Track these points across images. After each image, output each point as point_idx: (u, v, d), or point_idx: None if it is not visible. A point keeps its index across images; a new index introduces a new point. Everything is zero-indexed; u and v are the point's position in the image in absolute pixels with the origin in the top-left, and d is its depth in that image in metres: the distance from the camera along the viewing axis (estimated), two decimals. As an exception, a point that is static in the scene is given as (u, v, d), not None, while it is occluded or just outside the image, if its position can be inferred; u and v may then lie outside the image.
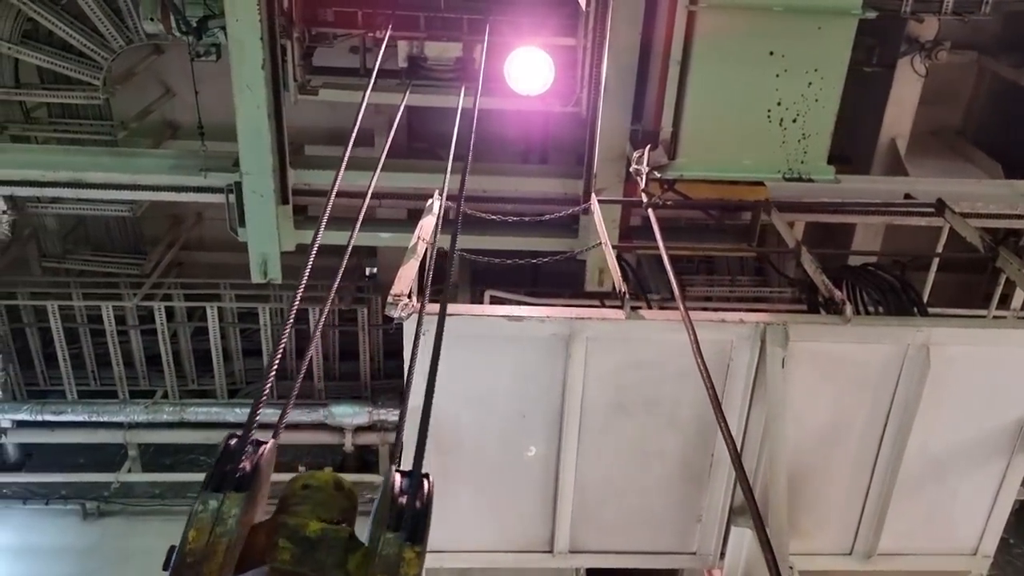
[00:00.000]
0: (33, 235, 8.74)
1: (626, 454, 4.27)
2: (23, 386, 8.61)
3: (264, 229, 6.81)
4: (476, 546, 4.54)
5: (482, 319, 4.05)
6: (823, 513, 4.42)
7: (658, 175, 5.57)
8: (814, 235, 8.21)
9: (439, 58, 6.63)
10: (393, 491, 1.84)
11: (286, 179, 6.84)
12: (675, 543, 4.50)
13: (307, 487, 1.90)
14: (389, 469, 1.94)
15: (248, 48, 6.14)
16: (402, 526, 1.76)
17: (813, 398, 4.14)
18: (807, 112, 5.58)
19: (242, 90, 6.29)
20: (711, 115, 5.60)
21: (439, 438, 4.20)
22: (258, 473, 1.77)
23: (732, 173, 5.70)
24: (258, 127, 6.40)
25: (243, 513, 1.67)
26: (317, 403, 8.38)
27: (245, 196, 6.66)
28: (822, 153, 5.73)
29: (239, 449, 1.80)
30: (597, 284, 7.17)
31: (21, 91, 7.79)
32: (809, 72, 5.48)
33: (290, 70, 6.57)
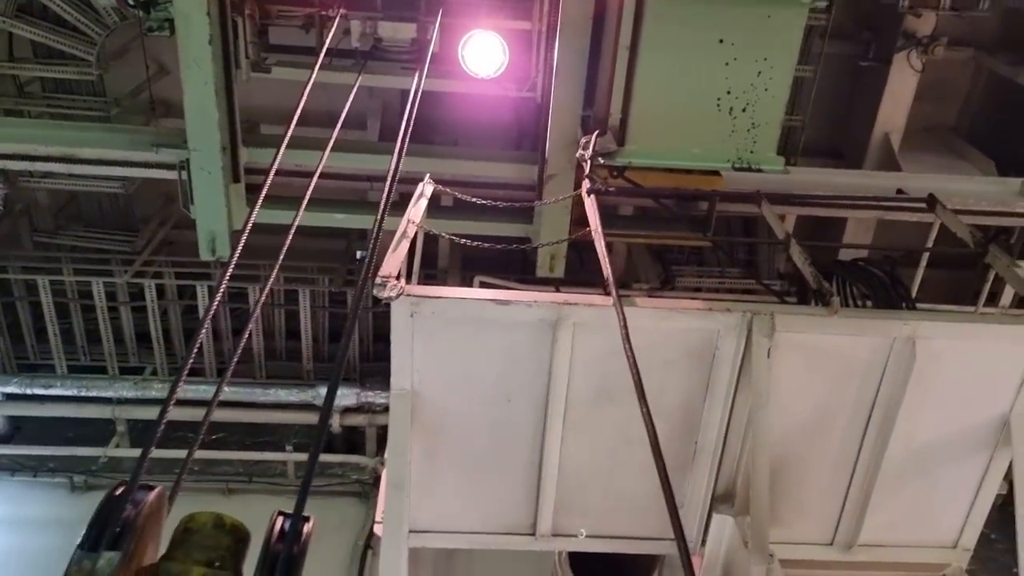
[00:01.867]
0: (25, 210, 8.71)
1: (610, 440, 4.28)
2: (13, 359, 8.60)
3: (213, 207, 6.78)
4: (460, 527, 4.56)
5: (468, 302, 4.05)
6: (805, 503, 4.44)
7: (602, 161, 5.54)
8: (805, 228, 8.24)
9: (393, 39, 6.57)
10: (271, 534, 1.93)
11: (237, 157, 6.84)
12: (657, 529, 4.52)
13: (187, 531, 1.95)
14: (274, 513, 2.01)
15: (194, 23, 6.09)
16: (276, 569, 1.84)
17: (798, 389, 4.16)
18: (756, 101, 5.55)
19: (189, 66, 6.25)
20: (660, 102, 5.58)
21: (425, 420, 4.22)
22: (137, 528, 1.81)
23: (681, 161, 5.69)
24: (205, 104, 6.36)
25: (120, 569, 1.72)
26: (305, 384, 8.40)
27: (193, 173, 6.63)
28: (772, 143, 5.73)
29: (117, 505, 1.84)
30: (548, 270, 7.20)
31: (15, 65, 7.74)
32: (759, 61, 5.45)
33: (242, 47, 6.53)
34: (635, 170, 5.70)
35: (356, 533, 8.16)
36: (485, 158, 7.24)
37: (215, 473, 8.57)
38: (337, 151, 6.93)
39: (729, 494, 4.35)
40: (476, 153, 7.41)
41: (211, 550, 1.90)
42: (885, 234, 8.22)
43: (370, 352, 8.89)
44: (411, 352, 4.09)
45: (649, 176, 5.77)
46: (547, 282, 7.13)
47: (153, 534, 1.91)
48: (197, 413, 8.63)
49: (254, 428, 8.69)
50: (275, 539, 1.91)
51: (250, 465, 8.63)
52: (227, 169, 6.74)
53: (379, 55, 6.66)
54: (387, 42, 6.62)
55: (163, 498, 1.95)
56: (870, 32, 8.27)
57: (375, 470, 8.60)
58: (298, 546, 1.90)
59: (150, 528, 1.88)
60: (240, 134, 6.81)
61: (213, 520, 1.95)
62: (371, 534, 7.97)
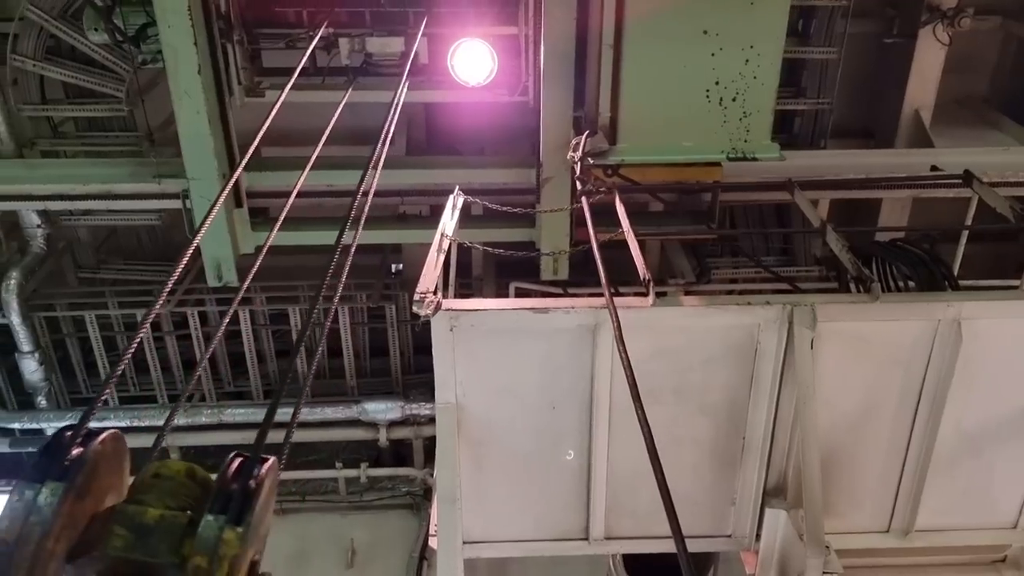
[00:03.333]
0: (67, 248, 8.91)
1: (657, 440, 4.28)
2: (67, 394, 8.81)
3: (216, 233, 6.88)
4: (512, 536, 4.59)
5: (507, 313, 4.08)
6: (858, 492, 4.40)
7: (591, 161, 5.49)
8: (839, 212, 8.14)
9: (382, 53, 6.63)
10: (226, 475, 1.81)
11: (238, 183, 6.95)
12: (710, 526, 4.51)
13: (157, 476, 1.85)
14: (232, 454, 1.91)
15: (182, 54, 6.18)
16: (228, 508, 1.72)
17: (844, 378, 4.12)
18: (746, 90, 5.47)
19: (180, 96, 6.35)
20: (648, 98, 5.51)
21: (472, 432, 4.26)
22: (87, 463, 1.70)
23: (674, 156, 5.62)
24: (200, 132, 6.45)
25: (64, 502, 1.63)
26: (350, 400, 8.49)
27: (193, 201, 6.74)
28: (765, 131, 5.63)
29: (63, 442, 1.73)
30: (552, 273, 7.21)
31: (48, 107, 7.94)
32: (745, 49, 5.35)
33: (233, 73, 6.63)
34: (630, 167, 5.66)
35: (410, 545, 8.24)
36: (482, 165, 7.28)
37: (268, 494, 8.69)
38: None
39: (780, 488, 4.32)
40: (473, 161, 7.45)
41: (181, 497, 1.80)
42: (922, 212, 8.08)
43: (411, 364, 8.96)
44: (453, 365, 4.13)
45: (648, 172, 5.73)
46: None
47: (111, 479, 1.80)
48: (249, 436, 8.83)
49: (304, 447, 8.82)
50: (229, 477, 1.78)
51: (302, 484, 8.75)
52: (228, 196, 6.80)
53: (371, 70, 6.74)
54: (377, 57, 6.70)
55: (120, 441, 1.82)
56: (893, 8, 8.15)
57: (424, 481, 8.67)
58: (255, 481, 1.78)
59: (106, 469, 1.77)
60: (239, 159, 6.90)
61: (186, 469, 1.85)
62: (425, 545, 8.04)
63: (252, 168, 7.08)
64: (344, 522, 8.50)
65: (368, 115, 5.26)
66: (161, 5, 6.01)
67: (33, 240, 8.01)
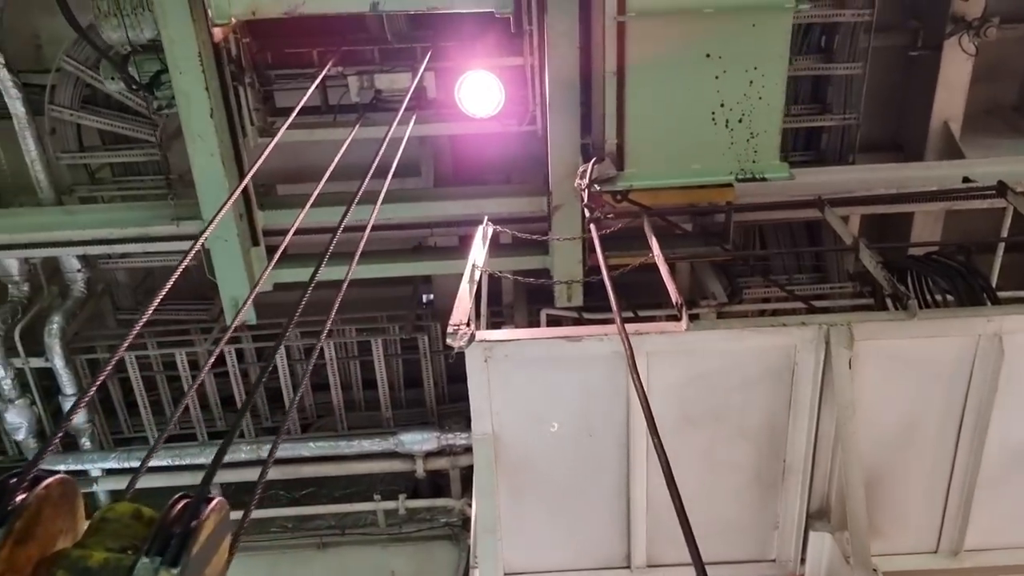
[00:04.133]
0: (106, 290, 9.09)
1: (696, 466, 4.26)
2: (109, 435, 8.95)
3: (233, 273, 6.99)
4: (553, 566, 4.57)
5: (540, 342, 4.10)
6: (903, 513, 4.33)
7: (598, 188, 5.49)
8: (871, 227, 8.06)
9: (391, 89, 6.75)
10: (167, 516, 1.85)
11: (254, 222, 7.04)
12: (753, 551, 4.46)
13: (104, 519, 1.89)
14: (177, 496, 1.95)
15: (194, 98, 6.31)
16: (166, 550, 1.76)
17: (884, 397, 4.08)
18: (752, 111, 5.42)
19: (193, 139, 6.47)
20: (654, 123, 5.50)
21: (509, 462, 4.26)
22: (28, 508, 1.74)
23: (683, 179, 5.57)
24: (214, 174, 6.56)
25: (2, 548, 1.66)
26: (386, 431, 8.52)
27: (210, 242, 6.82)
28: (773, 151, 5.57)
29: (7, 489, 1.76)
30: (566, 300, 7.22)
31: (85, 154, 8.15)
32: (749, 71, 5.32)
33: (245, 115, 6.76)
34: (639, 192, 5.67)
35: (451, 576, 8.22)
36: (495, 195, 7.36)
37: (308, 529, 8.74)
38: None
39: (824, 510, 4.27)
40: (484, 191, 7.51)
41: (124, 538, 1.84)
42: (955, 224, 7.98)
43: (445, 394, 8.98)
44: (489, 396, 4.15)
45: (661, 195, 5.73)
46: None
47: (60, 523, 1.84)
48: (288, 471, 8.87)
49: (343, 480, 8.85)
50: (171, 519, 1.83)
51: (341, 517, 8.77)
52: (244, 235, 6.96)
53: (380, 106, 6.85)
54: (386, 93, 6.81)
55: (68, 485, 1.86)
56: (917, 21, 8.11)
57: (463, 511, 8.65)
58: (196, 522, 1.82)
59: (51, 514, 1.81)
60: (255, 199, 7.03)
61: (132, 511, 1.90)
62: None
63: (268, 207, 7.22)
64: (385, 554, 8.50)
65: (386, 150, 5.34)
66: (172, 53, 6.18)
67: (74, 284, 8.18)
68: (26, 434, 8.29)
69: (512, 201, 7.18)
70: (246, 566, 8.51)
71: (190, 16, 6.04)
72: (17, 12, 6.77)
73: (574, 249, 6.91)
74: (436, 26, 6.96)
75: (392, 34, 6.82)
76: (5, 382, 8.10)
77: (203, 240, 3.43)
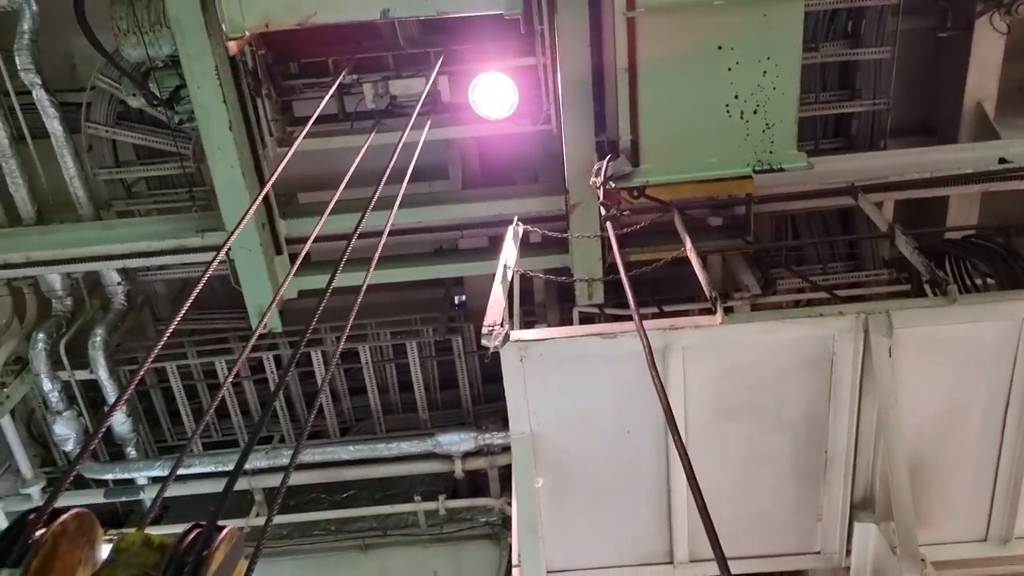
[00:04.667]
0: (146, 302, 9.27)
1: (736, 459, 4.24)
2: (154, 444, 9.12)
3: (257, 282, 7.09)
4: (595, 563, 4.58)
5: (575, 340, 4.11)
6: (950, 501, 4.27)
7: (612, 185, 5.46)
8: (905, 212, 7.94)
9: (405, 94, 6.77)
10: (179, 546, 1.95)
11: (276, 231, 7.12)
12: (797, 544, 4.43)
13: (117, 551, 1.98)
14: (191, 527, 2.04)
15: (213, 112, 6.40)
16: None
17: (926, 384, 4.03)
18: (767, 102, 5.36)
19: (213, 152, 6.57)
20: (668, 118, 5.46)
21: (548, 460, 4.28)
22: (43, 545, 1.83)
23: (699, 173, 5.51)
24: (234, 185, 6.64)
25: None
26: (424, 433, 8.58)
27: (234, 252, 6.94)
28: (790, 141, 5.48)
29: (23, 524, 1.86)
30: (587, 298, 7.19)
31: (121, 169, 8.31)
32: (762, 61, 5.26)
33: (264, 126, 6.84)
34: (656, 187, 5.63)
35: (493, 575, 8.25)
36: (514, 195, 7.37)
37: (350, 531, 8.83)
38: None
39: (868, 501, 4.23)
40: (503, 192, 7.53)
41: (135, 567, 1.92)
42: (992, 206, 7.83)
43: (481, 395, 9.03)
44: (525, 395, 4.17)
45: (678, 189, 5.69)
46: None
47: (77, 555, 1.93)
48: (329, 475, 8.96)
49: (383, 482, 8.93)
50: (182, 549, 1.92)
51: (383, 519, 8.85)
52: (267, 244, 7.05)
53: (396, 112, 6.89)
54: (401, 98, 6.85)
55: (85, 519, 1.95)
56: (945, 1, 7.98)
57: (502, 510, 8.68)
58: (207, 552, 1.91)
59: (68, 547, 1.91)
60: (276, 208, 7.12)
61: (142, 539, 1.97)
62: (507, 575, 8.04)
63: (290, 215, 7.32)
64: (426, 554, 8.56)
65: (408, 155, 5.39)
66: (190, 68, 6.28)
67: (114, 297, 8.35)
68: (74, 445, 8.48)
69: (531, 201, 7.20)
70: (292, 568, 8.63)
71: (205, 31, 6.14)
72: (51, 33, 6.92)
73: (593, 247, 6.91)
74: (449, 30, 6.99)
75: (405, 39, 6.86)
76: (52, 395, 8.29)
77: (224, 252, 3.49)
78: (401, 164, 4.83)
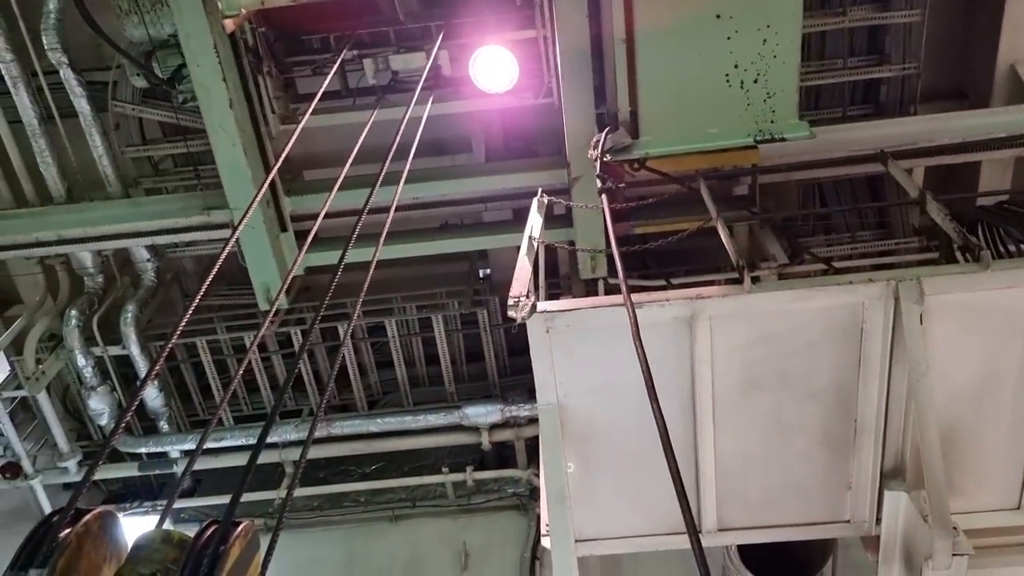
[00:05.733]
0: (175, 278, 9.39)
1: (765, 429, 4.23)
2: (186, 418, 9.28)
3: (262, 259, 7.13)
4: (623, 532, 4.61)
5: (601, 311, 4.10)
6: (982, 469, 4.24)
7: (608, 158, 5.37)
8: (935, 178, 7.81)
9: (406, 69, 6.74)
10: (196, 543, 2.01)
11: (281, 208, 7.13)
12: (826, 513, 4.43)
13: (137, 547, 2.05)
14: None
15: (213, 91, 6.42)
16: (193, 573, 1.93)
17: (958, 352, 3.98)
18: (767, 70, 5.23)
19: (215, 131, 6.61)
20: (667, 89, 5.35)
21: (575, 431, 4.30)
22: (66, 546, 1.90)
23: (700, 144, 5.40)
24: (237, 163, 6.67)
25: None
26: (451, 405, 8.65)
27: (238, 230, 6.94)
28: (792, 110, 5.36)
29: (47, 527, 1.93)
30: (591, 272, 7.15)
31: (148, 147, 8.38)
32: (761, 29, 5.13)
33: (266, 103, 6.83)
34: (658, 159, 5.55)
35: (521, 545, 8.34)
36: (516, 170, 7.35)
37: (380, 502, 8.96)
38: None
39: (899, 469, 4.21)
40: (506, 167, 7.51)
41: (155, 563, 1.99)
42: (1026, 171, 7.68)
43: (507, 367, 9.07)
44: (552, 366, 4.18)
45: (682, 161, 5.61)
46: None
47: (102, 552, 2.00)
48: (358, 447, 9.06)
49: (411, 455, 9.04)
50: (199, 546, 2.01)
51: (411, 490, 8.97)
52: (271, 221, 7.07)
53: (398, 87, 6.85)
54: (403, 73, 6.82)
55: (107, 518, 2.03)
56: (978, -40, 7.78)
57: (529, 481, 8.75)
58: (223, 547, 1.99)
59: (93, 546, 1.98)
60: (281, 186, 7.14)
61: (162, 536, 2.05)
62: (536, 545, 8.12)
63: (295, 192, 7.35)
64: (455, 525, 8.67)
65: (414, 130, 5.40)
66: (189, 47, 6.30)
67: (144, 274, 8.46)
68: (108, 419, 8.66)
69: (536, 175, 7.18)
70: (322, 539, 8.78)
71: (203, 9, 6.15)
72: (76, 13, 6.96)
73: (595, 220, 6.89)
74: (449, 4, 6.93)
75: (405, 14, 6.82)
76: (86, 370, 8.45)
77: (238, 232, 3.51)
78: (408, 139, 4.82)
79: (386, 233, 4.11)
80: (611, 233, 4.16)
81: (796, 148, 6.67)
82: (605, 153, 5.33)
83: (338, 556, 8.57)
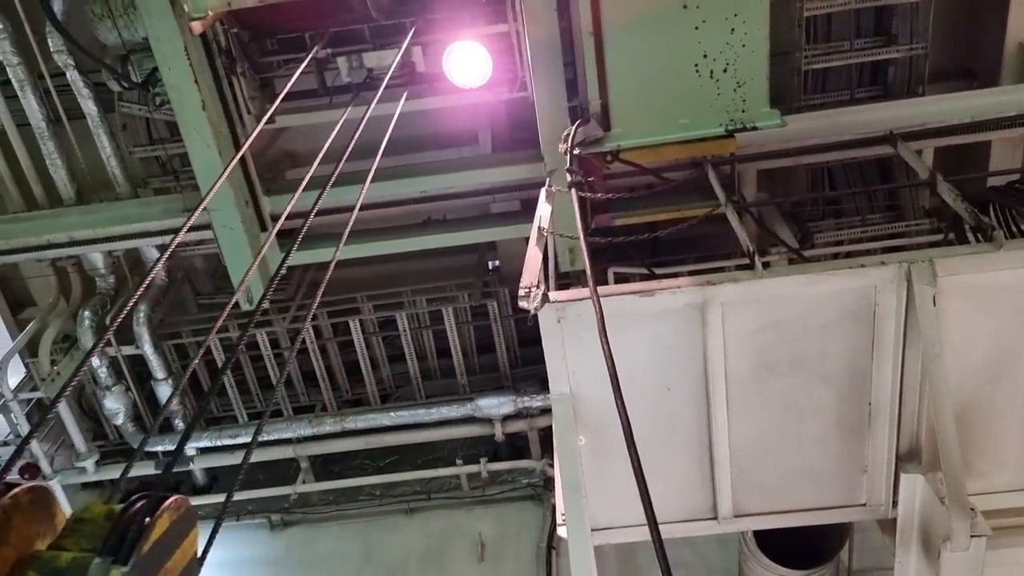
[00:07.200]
0: (186, 277, 9.43)
1: (779, 414, 4.22)
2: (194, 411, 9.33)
3: (241, 259, 7.09)
4: (639, 520, 4.57)
5: (613, 299, 4.09)
6: (999, 450, 4.22)
7: (577, 152, 5.33)
8: (945, 159, 7.76)
9: (380, 66, 6.69)
10: (122, 516, 1.96)
11: (259, 208, 7.11)
12: (842, 497, 4.42)
13: (79, 520, 2.01)
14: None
15: (185, 92, 6.39)
16: (119, 549, 1.88)
17: (972, 333, 3.96)
18: (736, 59, 5.19)
19: (189, 132, 6.57)
20: (636, 81, 5.32)
21: (588, 420, 4.30)
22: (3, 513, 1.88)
23: (671, 135, 5.37)
24: (212, 165, 6.62)
25: None
26: (464, 397, 8.67)
27: (216, 231, 6.97)
28: (762, 98, 5.32)
29: None
30: (569, 264, 7.09)
31: (156, 147, 8.41)
32: (729, 18, 5.09)
33: (241, 104, 6.81)
34: (632, 151, 5.52)
35: (537, 535, 8.36)
36: (493, 164, 7.37)
37: (395, 495, 9.01)
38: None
39: (914, 451, 4.19)
40: (483, 160, 7.52)
41: (95, 539, 1.94)
42: (1038, 150, 7.62)
43: (518, 358, 9.08)
44: (564, 356, 4.18)
45: (660, 152, 5.58)
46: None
47: (34, 527, 1.97)
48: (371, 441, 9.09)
49: (425, 447, 9.08)
50: (125, 519, 1.95)
51: (426, 483, 9.01)
52: (250, 222, 7.06)
53: (374, 84, 6.83)
54: (377, 71, 6.78)
55: (39, 492, 1.99)
56: (985, -63, 7.71)
57: (544, 472, 8.78)
58: (148, 520, 1.94)
59: (23, 519, 1.94)
60: (260, 185, 7.13)
61: (105, 512, 2.01)
62: (552, 535, 8.14)
63: (275, 192, 7.36)
64: (470, 517, 8.71)
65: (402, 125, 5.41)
66: (160, 50, 6.28)
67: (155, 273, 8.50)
68: (124, 419, 8.72)
69: (515, 169, 7.19)
70: (339, 532, 8.84)
71: (172, 12, 6.12)
72: (81, 14, 6.98)
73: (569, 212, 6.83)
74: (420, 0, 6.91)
75: (376, 10, 6.80)
76: (101, 371, 8.51)
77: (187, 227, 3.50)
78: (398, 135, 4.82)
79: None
80: (580, 227, 4.12)
81: (805, 132, 6.64)
82: (575, 146, 5.32)
83: (355, 549, 8.63)
